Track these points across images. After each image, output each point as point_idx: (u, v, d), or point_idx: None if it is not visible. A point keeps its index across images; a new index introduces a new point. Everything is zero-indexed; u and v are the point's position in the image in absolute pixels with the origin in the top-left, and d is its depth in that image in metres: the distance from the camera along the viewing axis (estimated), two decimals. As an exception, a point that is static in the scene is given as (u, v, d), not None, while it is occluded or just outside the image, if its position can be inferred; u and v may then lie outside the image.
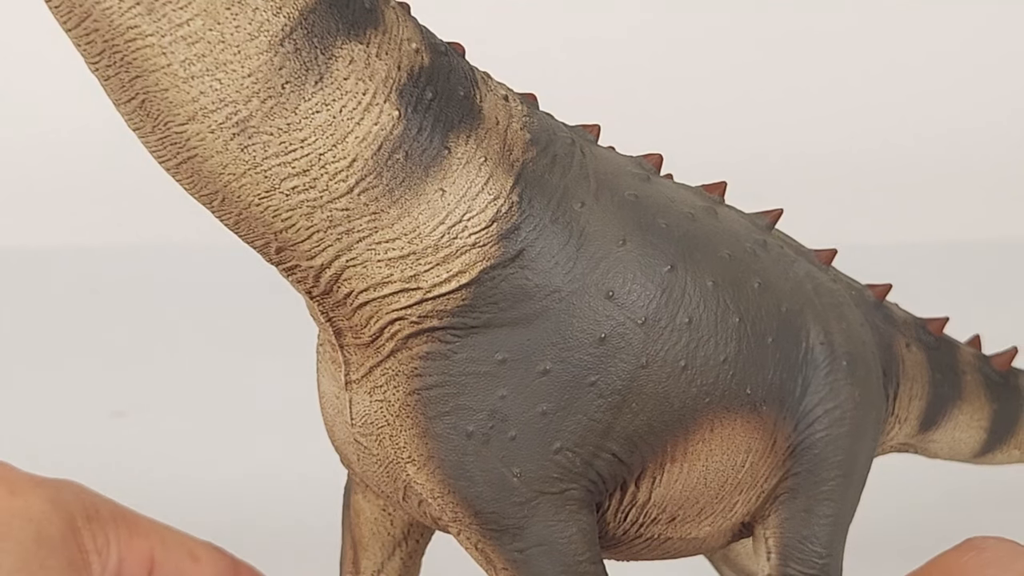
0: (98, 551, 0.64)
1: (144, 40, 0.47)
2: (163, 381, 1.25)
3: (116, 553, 0.65)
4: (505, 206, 0.53)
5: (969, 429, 0.71)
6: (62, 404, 1.19)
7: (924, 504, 0.92)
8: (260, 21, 0.48)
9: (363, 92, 0.50)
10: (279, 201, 0.50)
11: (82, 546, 0.63)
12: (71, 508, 0.64)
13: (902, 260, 1.54)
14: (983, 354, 0.72)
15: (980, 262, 1.54)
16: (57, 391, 1.22)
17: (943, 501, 0.92)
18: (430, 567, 0.64)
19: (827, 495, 0.60)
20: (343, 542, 0.63)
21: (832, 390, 0.60)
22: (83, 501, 0.65)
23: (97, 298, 1.52)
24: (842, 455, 0.60)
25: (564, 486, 0.54)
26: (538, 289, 0.53)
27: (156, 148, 0.50)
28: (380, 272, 0.52)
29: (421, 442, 0.53)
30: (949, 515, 0.89)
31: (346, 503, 0.63)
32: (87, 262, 1.64)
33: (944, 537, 0.61)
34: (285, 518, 0.83)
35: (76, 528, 0.63)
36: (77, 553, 0.63)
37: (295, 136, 0.49)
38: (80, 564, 0.63)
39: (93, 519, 0.65)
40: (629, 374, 0.54)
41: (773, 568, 0.61)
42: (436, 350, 0.53)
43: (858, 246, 1.54)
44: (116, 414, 1.16)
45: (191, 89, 0.48)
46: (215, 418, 1.14)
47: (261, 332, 1.30)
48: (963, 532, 0.60)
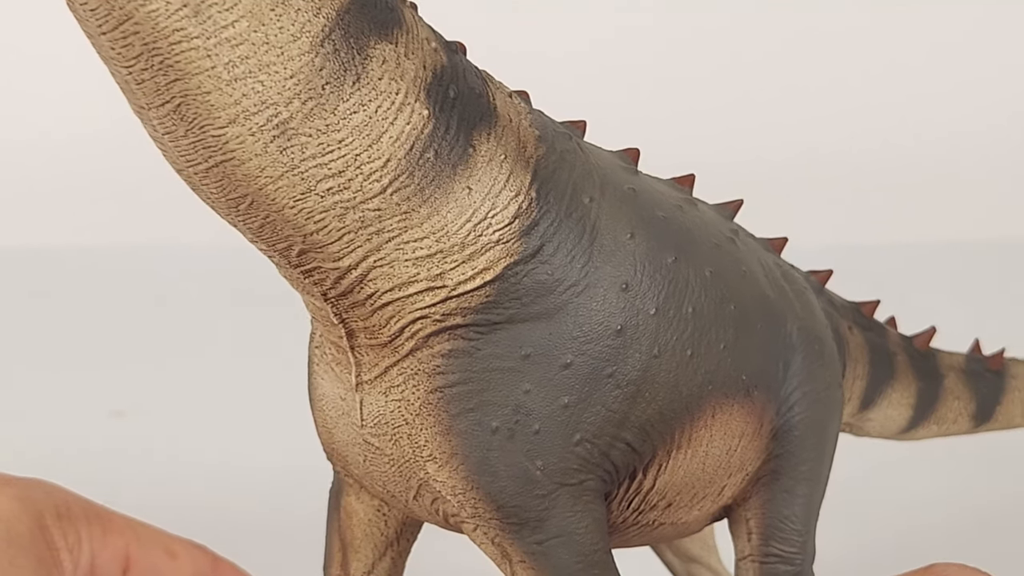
0: (69, 548, 0.64)
1: (189, 43, 0.47)
2: (162, 381, 1.25)
3: (89, 550, 0.65)
4: (525, 202, 0.53)
5: (899, 407, 0.73)
6: (61, 404, 1.19)
7: (888, 528, 0.93)
8: (302, 22, 0.48)
9: (395, 92, 0.50)
10: (314, 203, 0.50)
11: (52, 544, 0.63)
12: (40, 506, 0.63)
13: (902, 260, 1.54)
14: (906, 335, 0.74)
15: (980, 262, 1.54)
16: (56, 391, 1.22)
17: (907, 527, 0.94)
18: (413, 567, 0.64)
19: (804, 475, 0.62)
20: (329, 545, 0.62)
21: (809, 373, 0.62)
22: (54, 499, 0.64)
23: (96, 298, 1.52)
24: (817, 436, 0.62)
25: (582, 477, 0.54)
26: (558, 283, 0.54)
27: (186, 152, 0.49)
28: (407, 271, 0.52)
29: (444, 439, 0.53)
30: (912, 540, 0.91)
31: (335, 506, 0.62)
32: (87, 262, 1.64)
33: (904, 562, 0.63)
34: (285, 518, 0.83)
35: (45, 526, 0.63)
36: (47, 551, 0.62)
37: (333, 137, 0.49)
38: (50, 562, 0.62)
39: (64, 516, 0.64)
40: (643, 364, 0.55)
41: (754, 548, 0.62)
42: (459, 347, 0.53)
43: (858, 246, 1.54)
44: (115, 414, 1.16)
45: (234, 92, 0.48)
46: (215, 418, 1.14)
47: (261, 332, 1.30)
48: (926, 558, 0.62)
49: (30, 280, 1.59)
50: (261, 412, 1.12)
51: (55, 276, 1.61)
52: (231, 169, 0.49)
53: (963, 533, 0.92)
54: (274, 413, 1.00)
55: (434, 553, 0.67)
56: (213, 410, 1.16)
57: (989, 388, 0.74)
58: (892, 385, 0.72)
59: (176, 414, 1.16)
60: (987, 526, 0.93)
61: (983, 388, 0.73)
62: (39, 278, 1.60)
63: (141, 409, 1.17)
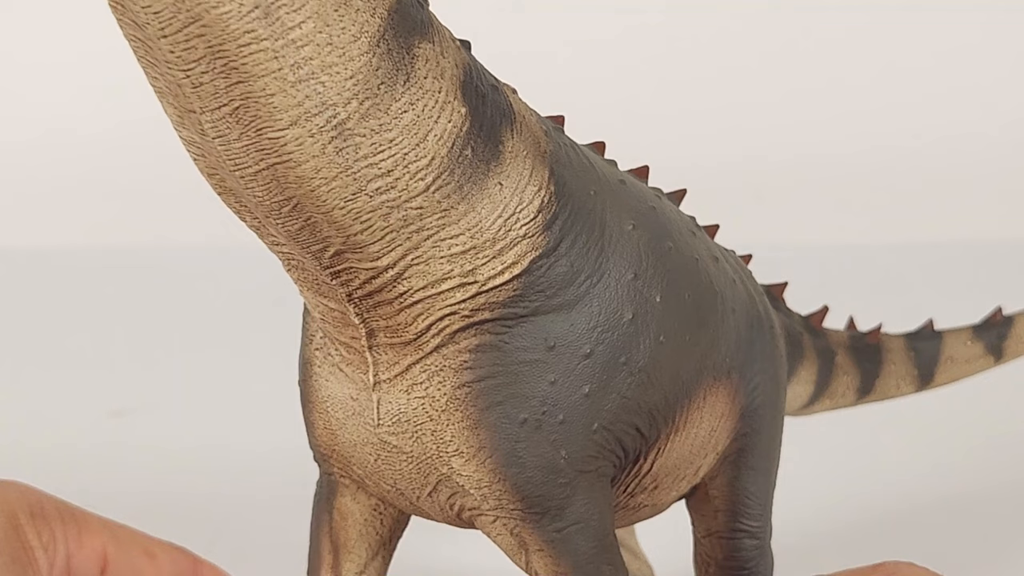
0: (44, 547, 0.63)
1: (259, 44, 0.46)
2: (162, 381, 1.25)
3: (64, 549, 0.64)
4: (546, 196, 0.54)
5: (805, 384, 0.75)
6: (60, 404, 1.19)
7: (841, 524, 0.95)
8: (361, 23, 0.48)
9: (438, 90, 0.50)
10: (362, 203, 0.50)
11: (26, 543, 0.63)
12: (14, 506, 0.63)
13: (902, 260, 1.54)
14: (803, 315, 0.77)
15: (980, 262, 1.54)
16: (55, 391, 1.22)
17: (857, 520, 0.96)
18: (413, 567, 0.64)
19: (764, 452, 0.65)
20: (317, 549, 0.62)
21: (768, 353, 0.64)
22: (27, 498, 0.64)
23: (95, 298, 1.52)
24: (774, 413, 0.65)
25: (598, 464, 0.55)
26: (577, 274, 0.54)
27: (236, 155, 0.49)
28: (441, 268, 0.52)
29: (472, 433, 0.54)
30: (864, 538, 0.93)
31: (324, 509, 0.62)
32: (87, 262, 1.64)
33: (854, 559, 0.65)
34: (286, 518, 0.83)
35: (19, 525, 0.63)
36: (21, 550, 0.62)
37: (385, 137, 0.49)
38: (24, 560, 0.62)
39: (37, 516, 0.64)
40: (652, 350, 0.56)
41: (721, 525, 0.64)
42: (487, 342, 0.54)
43: (858, 246, 1.54)
44: (114, 414, 1.16)
45: (297, 93, 0.47)
46: (214, 419, 1.14)
47: (261, 332, 1.30)
48: (877, 554, 0.64)
49: (30, 280, 1.59)
50: (261, 412, 1.12)
51: (55, 276, 1.61)
52: (284, 171, 0.49)
53: (915, 528, 0.94)
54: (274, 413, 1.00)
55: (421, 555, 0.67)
56: (213, 410, 1.16)
57: (870, 362, 0.76)
58: (802, 363, 0.74)
59: (175, 414, 1.16)
60: (939, 522, 0.95)
61: (865, 363, 0.76)
62: (39, 278, 1.60)
63: (140, 409, 1.17)
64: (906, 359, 0.77)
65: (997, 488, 1.00)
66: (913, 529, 0.94)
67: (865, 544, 0.91)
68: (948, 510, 0.97)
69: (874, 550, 0.70)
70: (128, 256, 1.65)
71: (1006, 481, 1.01)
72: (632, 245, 0.56)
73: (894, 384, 0.77)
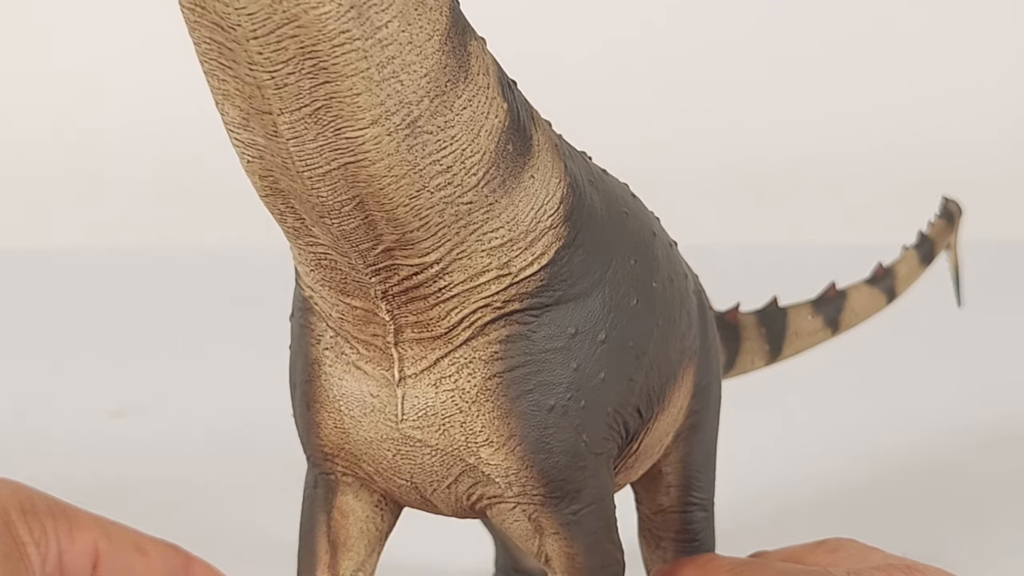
0: (36, 543, 0.64)
1: (352, 44, 0.46)
2: (161, 381, 1.25)
3: (56, 545, 0.65)
4: (565, 187, 0.55)
5: None
6: (59, 404, 1.19)
7: (785, 498, 0.97)
8: (434, 20, 0.49)
9: (487, 86, 0.51)
10: (424, 200, 0.50)
11: (18, 539, 0.63)
12: (4, 503, 0.63)
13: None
14: None
15: (980, 262, 1.54)
16: (55, 391, 1.22)
17: (802, 498, 0.97)
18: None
19: (710, 426, 0.67)
20: (313, 549, 0.62)
21: (711, 332, 0.66)
22: (18, 495, 0.64)
23: (96, 298, 1.52)
24: (717, 387, 0.67)
25: (608, 446, 0.57)
26: (593, 261, 0.56)
27: (309, 155, 0.48)
28: (481, 262, 0.53)
29: (503, 423, 0.54)
30: (809, 514, 0.94)
31: (322, 509, 0.62)
32: (88, 262, 1.65)
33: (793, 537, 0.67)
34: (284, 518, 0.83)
35: (10, 521, 0.63)
36: (13, 546, 0.62)
37: (448, 134, 0.50)
38: (16, 556, 0.62)
39: (29, 512, 0.64)
40: (652, 334, 0.58)
41: (674, 500, 0.66)
42: (516, 332, 0.54)
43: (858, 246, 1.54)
44: (113, 414, 1.16)
45: (380, 92, 0.48)
46: (214, 419, 1.14)
47: (261, 332, 1.30)
48: (820, 531, 0.67)
49: (30, 280, 1.59)
50: (261, 412, 1.12)
51: (55, 276, 1.61)
52: (356, 170, 0.49)
53: (858, 507, 0.95)
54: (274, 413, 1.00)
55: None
56: (212, 411, 1.16)
57: (733, 341, 0.78)
58: None
59: (175, 414, 1.16)
60: (882, 501, 0.96)
61: (730, 341, 0.78)
62: (39, 278, 1.60)
63: (140, 409, 1.17)
64: (758, 335, 0.78)
65: (935, 465, 1.02)
66: (857, 507, 0.95)
67: (810, 521, 0.92)
68: (891, 488, 0.98)
69: (818, 527, 0.72)
70: (128, 256, 1.65)
71: (941, 458, 1.04)
72: (628, 231, 0.57)
73: (749, 360, 0.79)
